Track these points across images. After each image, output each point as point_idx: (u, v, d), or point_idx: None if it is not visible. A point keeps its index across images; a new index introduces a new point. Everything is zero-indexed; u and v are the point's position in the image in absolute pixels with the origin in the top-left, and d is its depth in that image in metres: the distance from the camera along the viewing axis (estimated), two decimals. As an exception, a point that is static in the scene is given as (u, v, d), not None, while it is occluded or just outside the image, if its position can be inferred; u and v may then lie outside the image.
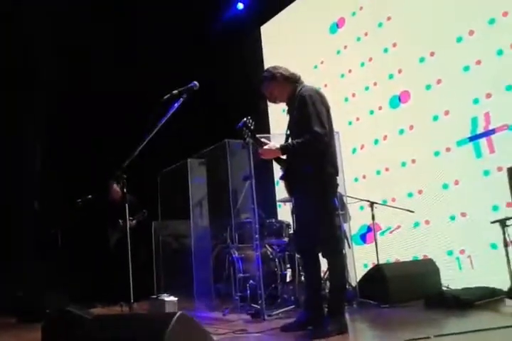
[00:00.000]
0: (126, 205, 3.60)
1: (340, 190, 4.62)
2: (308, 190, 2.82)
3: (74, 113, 6.46)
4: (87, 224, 5.97)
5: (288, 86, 3.02)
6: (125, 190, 4.05)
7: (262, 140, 2.99)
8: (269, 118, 6.95)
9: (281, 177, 2.99)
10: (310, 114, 2.79)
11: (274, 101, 3.14)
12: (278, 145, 2.86)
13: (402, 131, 5.22)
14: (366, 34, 5.75)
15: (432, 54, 4.97)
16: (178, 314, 1.94)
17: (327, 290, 4.16)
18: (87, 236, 6.10)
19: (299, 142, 2.79)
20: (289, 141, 2.95)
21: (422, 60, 5.07)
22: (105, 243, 5.77)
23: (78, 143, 6.43)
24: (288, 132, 3.03)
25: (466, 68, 4.63)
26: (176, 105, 2.80)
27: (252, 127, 2.98)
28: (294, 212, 3.11)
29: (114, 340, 1.99)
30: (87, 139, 6.44)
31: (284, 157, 2.97)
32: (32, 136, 6.41)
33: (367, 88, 5.68)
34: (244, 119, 3.00)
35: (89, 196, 5.55)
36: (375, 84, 5.59)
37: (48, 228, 5.43)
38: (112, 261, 5.43)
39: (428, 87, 4.98)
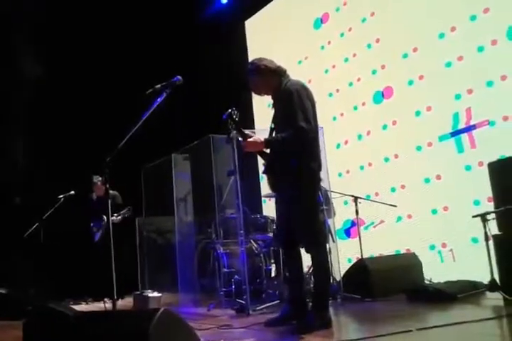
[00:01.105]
0: (109, 201, 3.54)
1: (324, 185, 4.64)
2: (291, 185, 2.78)
3: (57, 107, 6.34)
4: (69, 220, 5.88)
5: (273, 79, 2.96)
6: (107, 186, 3.99)
7: (246, 132, 2.95)
8: (254, 113, 6.93)
9: (264, 172, 2.96)
10: (296, 109, 2.74)
11: (259, 94, 3.09)
12: (262, 139, 2.81)
13: (385, 127, 5.25)
14: (350, 30, 5.75)
15: (415, 50, 4.99)
16: (161, 310, 1.91)
17: (312, 285, 4.21)
18: (70, 232, 6.02)
19: (283, 136, 2.75)
20: (274, 134, 2.92)
21: (405, 55, 5.09)
22: (89, 239, 5.69)
23: (61, 138, 6.33)
24: (272, 126, 2.99)
25: (448, 64, 4.66)
26: (159, 100, 2.75)
27: (236, 119, 2.92)
28: (277, 206, 3.08)
29: (97, 337, 1.96)
30: (69, 134, 6.34)
31: (267, 151, 2.94)
32: (14, 131, 6.28)
33: (351, 84, 5.68)
34: (229, 110, 2.94)
35: (72, 192, 5.47)
36: (358, 79, 5.59)
37: (29, 224, 5.33)
38: (96, 257, 5.36)
39: (411, 82, 5.00)
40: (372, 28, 5.49)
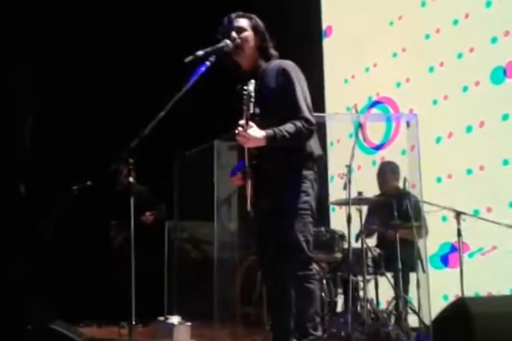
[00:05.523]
0: (132, 198, 3.54)
1: (415, 193, 4.51)
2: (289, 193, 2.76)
3: (73, 79, 6.52)
4: (84, 219, 6.01)
5: (257, 54, 2.95)
6: (131, 179, 4.01)
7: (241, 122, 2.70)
8: (325, 92, 6.74)
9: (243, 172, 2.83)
10: (297, 96, 2.78)
11: (239, 58, 2.92)
12: (264, 133, 2.65)
13: (506, 117, 4.89)
14: (464, -19, 5.48)
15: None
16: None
17: (390, 328, 4.05)
18: (84, 233, 6.17)
19: (288, 131, 2.68)
20: (273, 128, 2.70)
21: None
22: (107, 244, 5.82)
23: (78, 117, 6.49)
24: (258, 111, 2.78)
25: None
26: (202, 70, 2.70)
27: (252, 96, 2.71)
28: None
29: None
30: (88, 113, 6.49)
31: None
32: (22, 105, 6.51)
33: (460, 55, 5.37)
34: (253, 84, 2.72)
35: (89, 182, 5.55)
36: (471, 50, 5.27)
37: (35, 220, 5.49)
38: (114, 269, 5.48)
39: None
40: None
